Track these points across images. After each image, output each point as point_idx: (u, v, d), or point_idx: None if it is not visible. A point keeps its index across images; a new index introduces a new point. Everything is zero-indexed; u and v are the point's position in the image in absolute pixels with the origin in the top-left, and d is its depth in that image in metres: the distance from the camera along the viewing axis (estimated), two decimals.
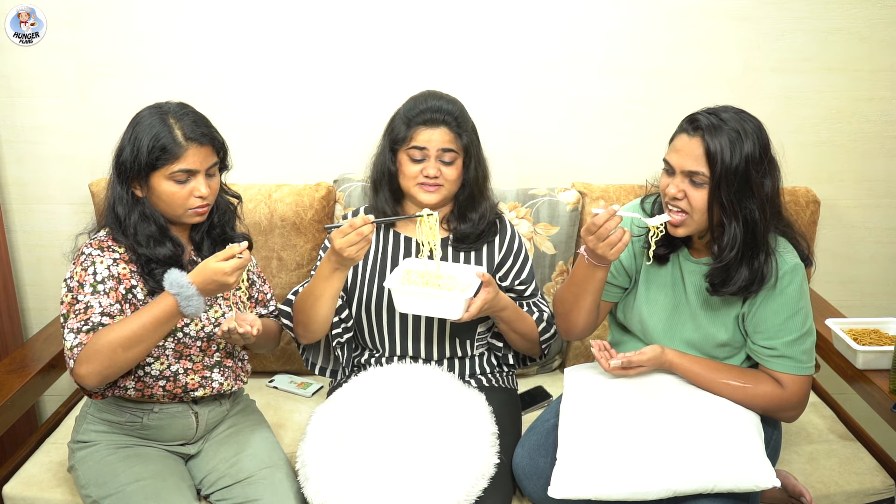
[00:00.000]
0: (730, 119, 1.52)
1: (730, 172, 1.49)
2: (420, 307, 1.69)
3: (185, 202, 1.59)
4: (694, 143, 1.52)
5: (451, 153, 1.79)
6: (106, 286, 1.56)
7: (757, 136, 1.52)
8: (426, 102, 1.80)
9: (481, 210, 1.88)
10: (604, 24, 2.31)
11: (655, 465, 1.50)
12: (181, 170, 1.57)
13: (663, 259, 1.70)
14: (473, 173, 1.84)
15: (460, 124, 1.80)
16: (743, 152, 1.49)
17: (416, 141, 1.78)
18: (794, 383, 1.61)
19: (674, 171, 1.56)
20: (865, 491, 1.85)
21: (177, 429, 1.70)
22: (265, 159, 2.40)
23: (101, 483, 1.62)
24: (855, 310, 2.43)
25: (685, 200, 1.55)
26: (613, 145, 2.40)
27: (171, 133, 1.56)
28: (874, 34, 2.32)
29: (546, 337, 1.90)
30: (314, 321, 1.77)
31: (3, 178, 2.40)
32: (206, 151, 1.60)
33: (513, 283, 1.91)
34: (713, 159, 1.49)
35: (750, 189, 1.51)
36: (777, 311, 1.58)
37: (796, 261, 1.59)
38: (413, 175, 1.80)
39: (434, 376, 1.78)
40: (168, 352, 1.65)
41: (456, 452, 1.59)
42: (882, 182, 2.46)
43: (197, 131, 1.59)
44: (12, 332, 2.40)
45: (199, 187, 1.59)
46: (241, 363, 1.81)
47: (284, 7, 2.28)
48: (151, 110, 1.61)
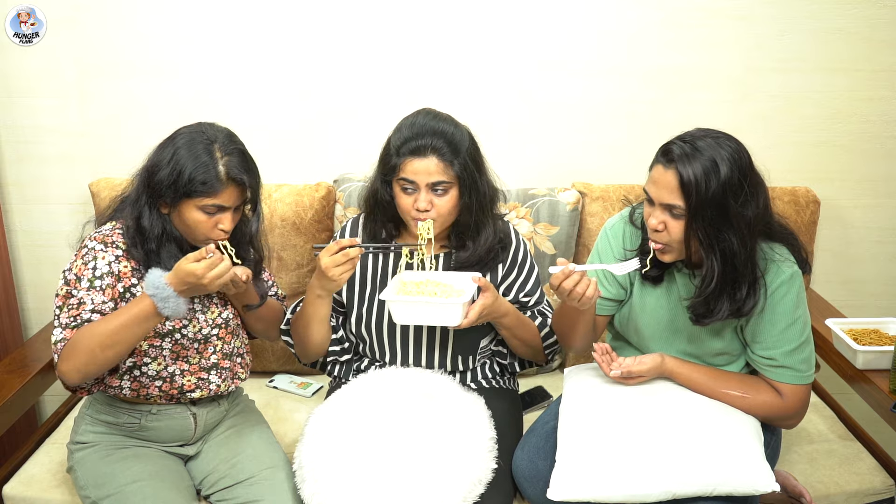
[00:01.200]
0: (705, 147, 1.46)
1: (705, 203, 1.44)
2: (417, 316, 1.65)
3: (208, 232, 1.57)
4: (669, 175, 1.47)
5: (444, 184, 1.69)
6: (103, 282, 1.55)
7: (733, 161, 1.45)
8: (413, 128, 1.70)
9: (482, 238, 1.78)
10: (604, 24, 2.31)
11: (655, 468, 1.50)
12: (214, 205, 1.55)
13: (657, 279, 1.67)
14: (468, 201, 1.72)
15: (453, 149, 1.68)
16: (720, 180, 1.44)
17: (405, 173, 1.69)
18: (793, 393, 1.60)
19: (653, 202, 1.53)
20: (865, 491, 1.85)
21: (175, 430, 1.70)
22: (265, 159, 2.36)
23: (100, 484, 1.62)
24: (855, 310, 2.43)
25: (665, 232, 1.52)
26: (613, 145, 2.40)
27: (215, 168, 1.53)
28: (874, 34, 2.32)
29: (550, 342, 1.86)
30: (309, 344, 1.79)
31: (3, 178, 2.40)
32: (242, 190, 1.58)
33: (517, 295, 1.87)
34: (688, 190, 1.45)
35: (728, 219, 1.46)
36: (775, 322, 1.57)
37: (794, 269, 1.57)
38: (407, 207, 1.72)
39: (433, 379, 1.78)
40: (165, 352, 1.64)
41: (453, 457, 1.59)
42: (882, 182, 2.46)
43: (241, 174, 1.56)
44: (12, 332, 2.40)
45: (225, 221, 1.57)
46: (241, 359, 1.79)
47: (285, 7, 2.28)
48: (196, 135, 1.56)
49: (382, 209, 1.80)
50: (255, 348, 2.22)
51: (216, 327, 1.69)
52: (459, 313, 1.62)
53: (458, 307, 1.62)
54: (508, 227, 1.89)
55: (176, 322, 1.63)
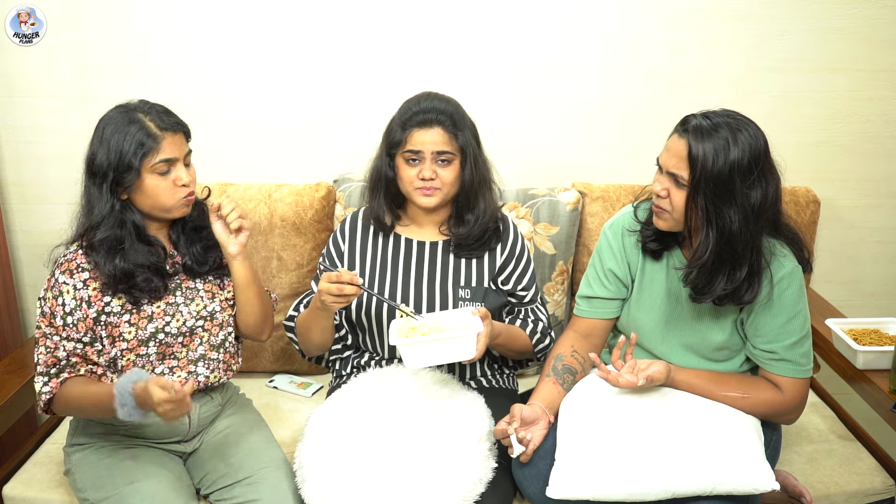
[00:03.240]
0: (723, 125, 1.49)
1: (710, 178, 1.47)
2: (432, 356, 1.62)
3: (173, 192, 1.60)
4: (680, 145, 1.52)
5: (447, 154, 1.77)
6: (75, 317, 1.59)
7: (749, 145, 1.48)
8: (420, 104, 1.78)
9: (478, 211, 1.83)
10: (604, 24, 2.31)
11: (654, 466, 1.50)
12: (161, 160, 1.57)
13: (657, 255, 1.70)
14: (470, 173, 1.81)
15: (456, 124, 1.77)
16: (728, 160, 1.46)
17: (411, 143, 1.76)
18: (792, 386, 1.62)
19: (661, 168, 1.58)
20: (865, 491, 1.85)
21: (169, 426, 1.70)
22: (265, 159, 2.40)
23: (99, 486, 1.62)
24: (855, 310, 2.43)
25: (668, 200, 1.56)
26: (613, 145, 2.40)
27: (144, 127, 1.57)
28: (874, 34, 2.32)
29: (541, 347, 1.89)
30: (311, 343, 1.85)
31: (3, 178, 2.40)
32: (180, 139, 1.62)
33: (514, 287, 1.90)
34: (694, 163, 1.49)
35: (732, 198, 1.48)
36: (775, 315, 1.59)
37: (793, 264, 1.59)
38: (410, 179, 1.78)
39: (433, 378, 1.78)
40: (151, 357, 1.65)
41: (454, 456, 1.59)
42: (882, 182, 2.46)
43: (168, 120, 1.60)
44: (12, 332, 2.40)
45: (180, 175, 1.60)
46: (230, 354, 1.78)
47: (285, 7, 2.28)
48: (116, 111, 1.61)
49: (386, 186, 1.85)
50: (255, 348, 2.22)
51: (201, 319, 1.70)
52: (475, 345, 1.61)
53: (472, 339, 1.61)
54: (505, 214, 1.94)
55: (158, 322, 1.64)
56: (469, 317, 1.67)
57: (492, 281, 1.88)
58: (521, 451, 1.58)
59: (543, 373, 1.75)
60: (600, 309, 1.78)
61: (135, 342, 1.63)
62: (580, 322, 1.81)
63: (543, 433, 1.62)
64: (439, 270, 1.87)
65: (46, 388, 1.59)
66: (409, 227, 1.92)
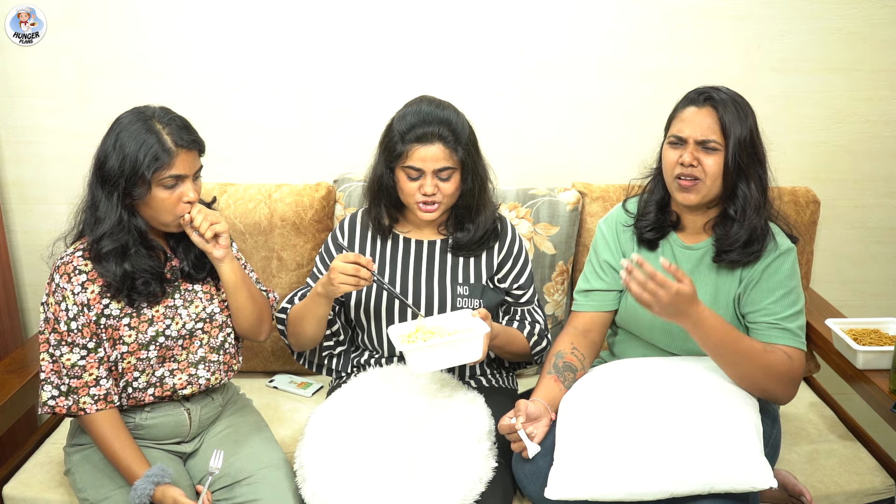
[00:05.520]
0: (727, 95, 1.66)
1: (738, 137, 1.61)
2: (440, 361, 1.62)
3: (174, 208, 1.59)
4: (704, 112, 1.63)
5: (448, 170, 1.76)
6: (79, 322, 1.59)
7: (751, 112, 1.66)
8: (419, 115, 1.75)
9: (479, 220, 1.84)
10: (604, 24, 2.31)
11: (653, 466, 1.50)
12: (171, 175, 1.56)
13: (653, 244, 1.74)
14: (470, 185, 1.80)
15: (456, 137, 1.75)
16: (747, 121, 1.63)
17: (412, 160, 1.74)
18: (796, 355, 1.64)
19: (683, 141, 1.64)
20: (865, 491, 1.85)
21: (170, 427, 1.70)
22: (265, 159, 2.40)
23: (99, 486, 1.62)
24: (855, 310, 2.43)
25: (700, 167, 1.62)
26: (613, 145, 2.40)
27: (160, 140, 1.55)
28: (874, 34, 2.32)
29: (538, 349, 1.89)
30: (302, 336, 1.82)
31: (3, 178, 2.40)
32: (194, 156, 1.61)
33: (511, 286, 1.90)
34: (725, 128, 1.61)
35: (755, 154, 1.64)
36: (772, 290, 1.65)
37: (789, 244, 1.68)
38: (411, 192, 1.77)
39: (433, 378, 1.78)
40: (151, 360, 1.65)
41: (454, 456, 1.59)
42: (882, 182, 2.46)
43: (186, 138, 1.58)
44: (12, 332, 2.40)
45: (187, 192, 1.59)
46: (230, 355, 1.78)
47: (284, 7, 2.28)
48: (134, 116, 1.58)
49: (387, 194, 1.85)
50: (255, 348, 2.22)
51: (200, 321, 1.70)
52: (481, 346, 1.62)
53: (479, 340, 1.61)
54: (503, 217, 1.95)
55: (158, 325, 1.64)
56: (469, 318, 1.67)
57: (489, 279, 1.88)
58: (537, 450, 1.58)
59: (544, 370, 1.75)
60: (598, 301, 1.80)
61: (135, 346, 1.63)
62: (578, 317, 1.82)
63: (545, 430, 1.64)
64: (437, 268, 1.87)
65: (53, 401, 1.59)
66: (409, 229, 1.92)
